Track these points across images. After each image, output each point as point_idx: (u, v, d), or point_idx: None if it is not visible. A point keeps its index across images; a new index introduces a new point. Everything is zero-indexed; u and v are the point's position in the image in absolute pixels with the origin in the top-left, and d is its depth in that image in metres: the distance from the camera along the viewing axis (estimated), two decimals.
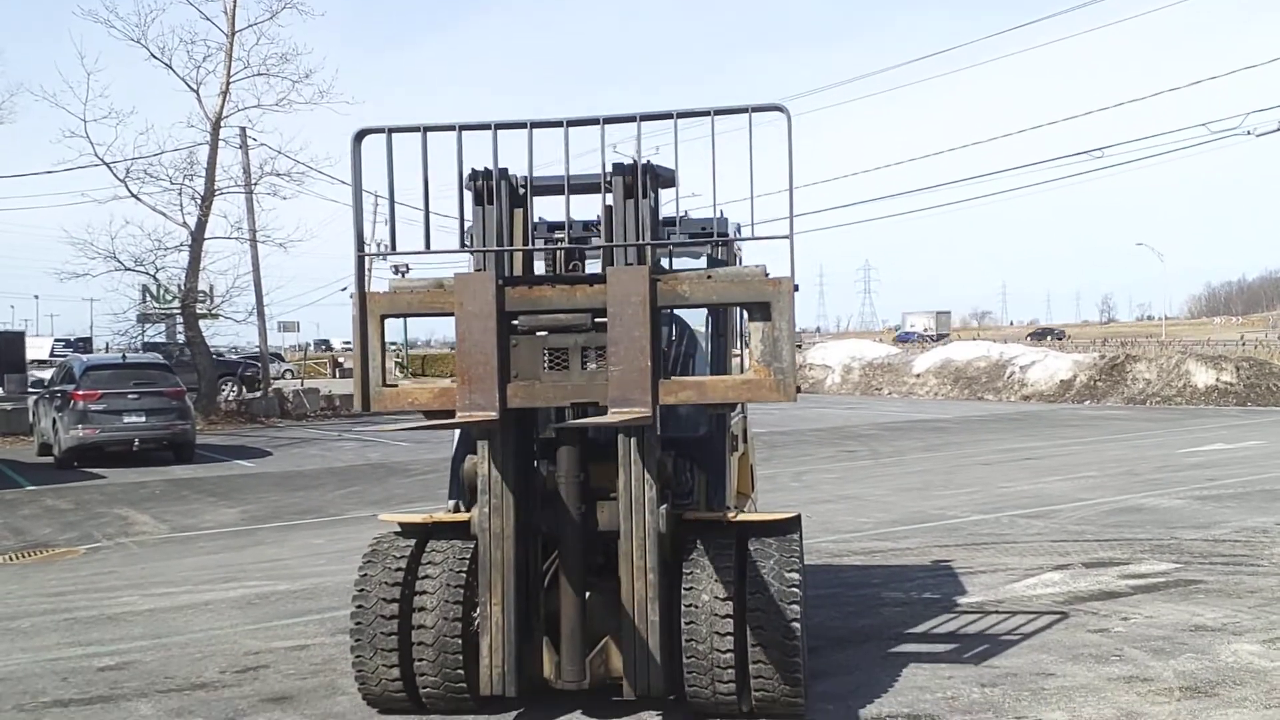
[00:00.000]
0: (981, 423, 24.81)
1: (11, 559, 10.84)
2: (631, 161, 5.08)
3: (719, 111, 4.96)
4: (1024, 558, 8.92)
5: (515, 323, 5.05)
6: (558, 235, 6.20)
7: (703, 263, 6.12)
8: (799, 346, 47.47)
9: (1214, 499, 11.92)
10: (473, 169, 5.07)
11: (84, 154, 27.65)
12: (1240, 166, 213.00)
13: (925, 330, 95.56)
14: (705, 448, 5.66)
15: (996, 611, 7.15)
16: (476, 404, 4.90)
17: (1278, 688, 5.44)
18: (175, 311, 30.36)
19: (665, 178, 5.16)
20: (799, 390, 4.94)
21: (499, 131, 4.92)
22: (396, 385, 5.15)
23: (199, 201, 28.57)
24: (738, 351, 6.55)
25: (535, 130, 4.86)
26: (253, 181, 30.00)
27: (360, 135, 5.07)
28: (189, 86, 28.70)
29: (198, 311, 29.46)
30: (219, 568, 9.82)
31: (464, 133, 4.90)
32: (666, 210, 5.52)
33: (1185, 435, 20.31)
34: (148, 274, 29.54)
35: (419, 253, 5.24)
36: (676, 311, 6.17)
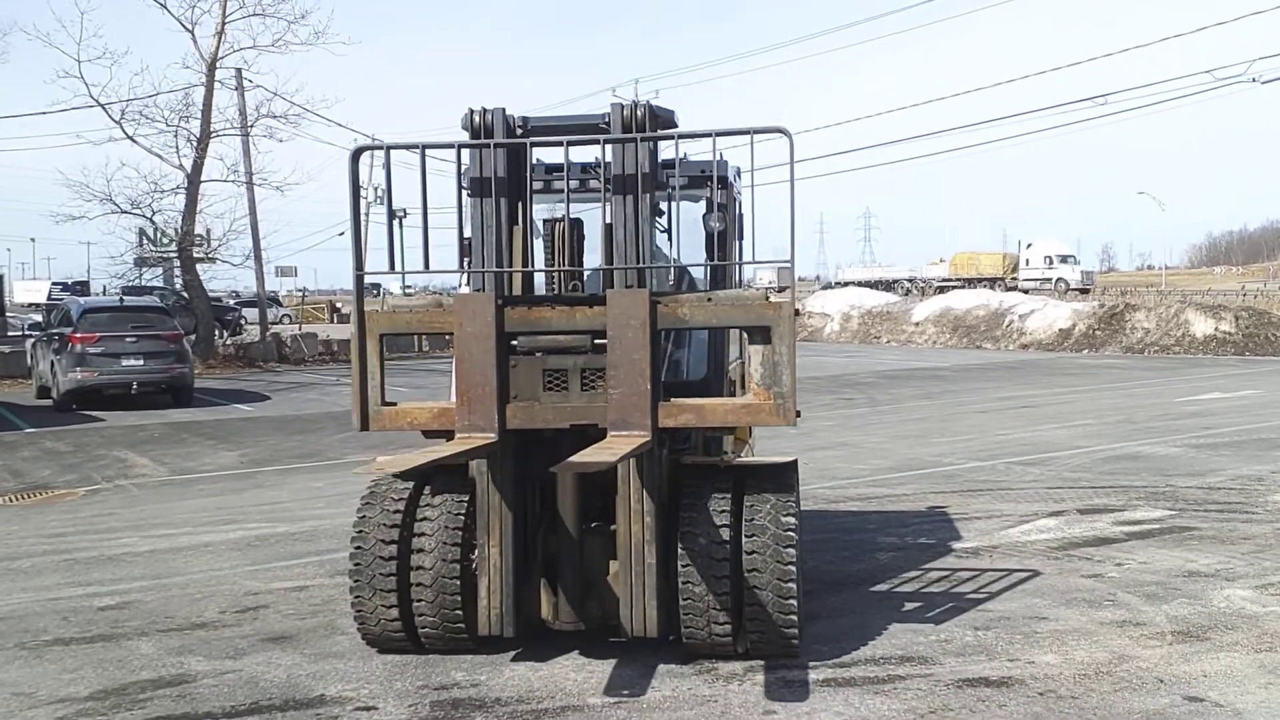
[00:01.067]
0: (980, 371, 24.84)
1: (11, 500, 10.88)
2: (631, 101, 5.04)
3: (720, 133, 5.10)
4: (1019, 504, 8.97)
5: (514, 343, 5.03)
6: (555, 179, 6.15)
7: (701, 206, 6.07)
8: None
9: (1210, 447, 11.96)
10: (469, 108, 5.04)
11: (78, 95, 27.37)
12: (1244, 114, 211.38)
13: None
14: (703, 393, 5.65)
15: (991, 557, 7.20)
16: (475, 425, 4.91)
17: (1269, 632, 5.49)
18: (172, 255, 30.24)
19: (664, 119, 5.11)
20: (799, 415, 4.95)
21: (497, 149, 4.97)
22: (395, 404, 5.11)
23: (195, 144, 28.33)
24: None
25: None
26: (249, 124, 29.74)
27: (357, 154, 5.09)
28: (184, 26, 28.34)
29: (195, 255, 29.34)
30: (218, 510, 9.87)
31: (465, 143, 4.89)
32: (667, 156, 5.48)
33: (1183, 384, 20.35)
34: (144, 217, 29.42)
35: (419, 272, 5.25)
36: (669, 245, 6.12)
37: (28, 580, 7.29)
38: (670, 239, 6.04)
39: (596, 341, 4.94)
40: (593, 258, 6.45)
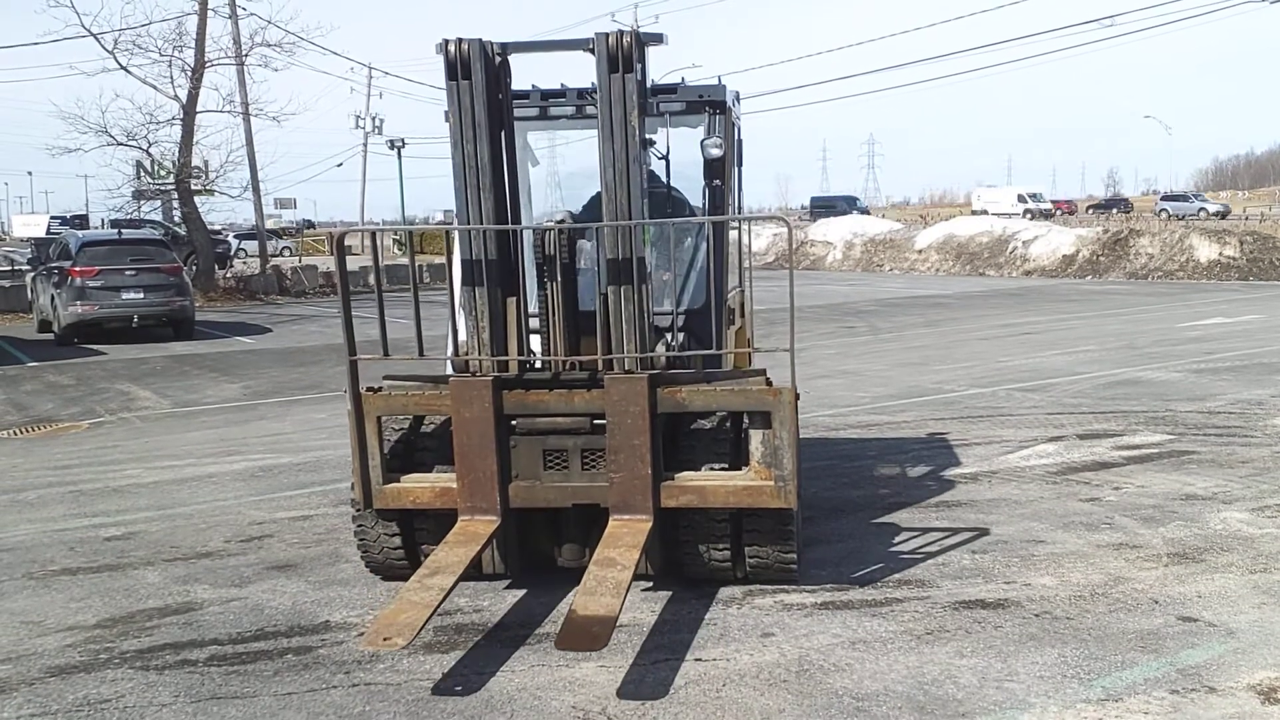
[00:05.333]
0: (982, 298, 24.77)
1: (16, 434, 10.94)
2: (617, 30, 4.94)
3: (718, 220, 5.33)
4: (1019, 430, 9.00)
5: (514, 423, 4.99)
6: (550, 106, 6.07)
7: (700, 131, 6.00)
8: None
9: (1211, 372, 11.96)
10: (444, 38, 4.90)
11: (70, 24, 27.12)
12: (1253, 36, 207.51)
13: None
14: (701, 321, 5.64)
15: (990, 482, 7.24)
16: (478, 507, 4.90)
17: (1264, 554, 5.54)
18: (170, 187, 30.02)
19: (652, 39, 4.98)
20: (798, 496, 4.94)
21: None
22: (398, 481, 5.05)
23: (189, 73, 27.99)
24: (735, 225, 6.48)
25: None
26: (243, 53, 29.33)
27: (341, 237, 5.16)
28: None
29: (192, 187, 29.14)
30: (221, 441, 9.92)
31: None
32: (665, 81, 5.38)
33: (1185, 309, 20.30)
34: (140, 149, 29.14)
35: (409, 359, 5.20)
36: (672, 184, 6.08)
37: (34, 512, 7.36)
38: (667, 167, 5.99)
39: (596, 422, 4.91)
40: (591, 185, 6.39)
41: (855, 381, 12.27)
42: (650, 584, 5.26)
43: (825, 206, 66.21)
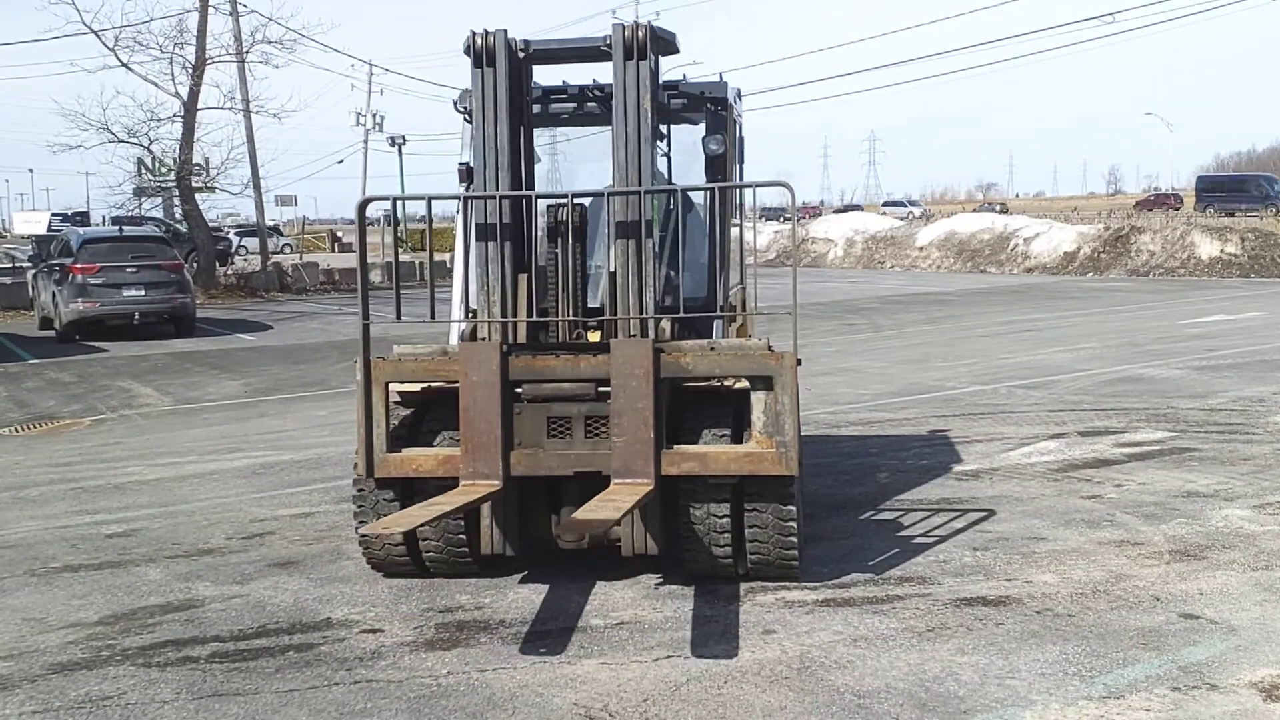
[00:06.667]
0: (983, 295, 24.77)
1: (17, 431, 10.95)
2: (633, 22, 4.98)
3: (722, 185, 5.43)
4: (1020, 427, 8.99)
5: (519, 390, 5.03)
6: (552, 102, 6.08)
7: (701, 129, 6.00)
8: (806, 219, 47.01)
9: (1212, 369, 11.96)
10: (471, 30, 5.02)
11: (70, 21, 26.97)
12: (1254, 33, 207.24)
13: None
14: (701, 313, 5.65)
15: (991, 479, 7.24)
16: (480, 472, 4.94)
17: (1265, 551, 5.54)
18: (171, 184, 30.01)
19: (666, 40, 5.06)
20: (802, 466, 4.98)
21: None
22: (401, 452, 5.11)
23: (190, 71, 27.97)
24: (737, 221, 6.48)
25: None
26: (244, 50, 29.32)
27: (363, 205, 5.24)
28: None
29: (193, 184, 29.13)
30: (223, 439, 9.92)
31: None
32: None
33: (1187, 306, 20.30)
34: (141, 145, 29.13)
35: (422, 322, 5.29)
36: (674, 180, 6.08)
37: (36, 509, 7.36)
38: (669, 164, 6.01)
39: (600, 389, 4.96)
40: (594, 181, 6.41)
41: (856, 379, 12.27)
42: (658, 581, 5.26)
43: (1229, 189, 44.53)
